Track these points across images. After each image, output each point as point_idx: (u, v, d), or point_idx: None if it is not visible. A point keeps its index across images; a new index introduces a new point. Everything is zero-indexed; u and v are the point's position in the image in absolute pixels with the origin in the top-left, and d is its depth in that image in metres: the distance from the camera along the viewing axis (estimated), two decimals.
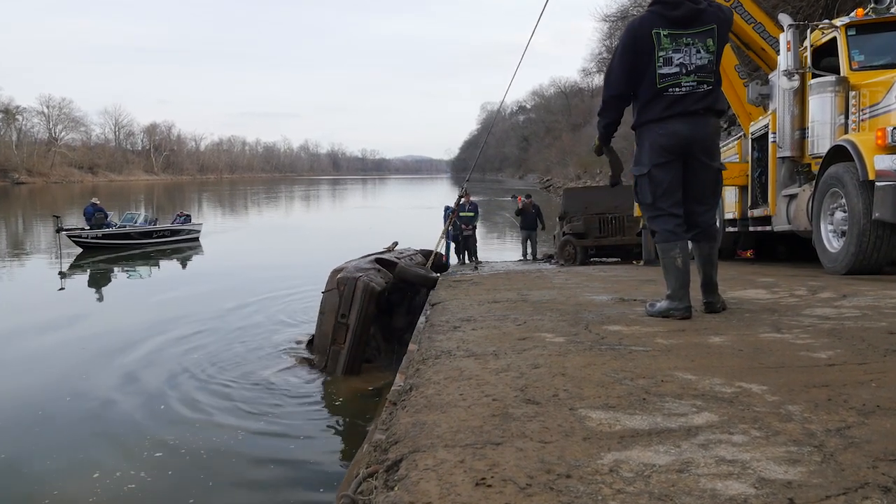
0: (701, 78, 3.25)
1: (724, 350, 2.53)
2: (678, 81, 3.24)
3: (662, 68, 3.24)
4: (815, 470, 1.36)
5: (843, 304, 3.68)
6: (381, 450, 1.66)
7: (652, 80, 3.26)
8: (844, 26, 6.23)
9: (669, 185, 3.32)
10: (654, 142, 3.31)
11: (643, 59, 3.26)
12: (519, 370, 2.29)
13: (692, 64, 3.23)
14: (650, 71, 3.25)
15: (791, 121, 6.65)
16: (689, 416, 1.73)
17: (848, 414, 1.71)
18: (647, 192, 3.37)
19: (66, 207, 34.96)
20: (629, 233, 12.06)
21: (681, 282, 3.29)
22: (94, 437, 5.21)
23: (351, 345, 6.37)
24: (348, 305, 6.36)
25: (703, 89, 3.26)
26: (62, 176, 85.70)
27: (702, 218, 3.40)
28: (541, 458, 1.46)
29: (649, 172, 3.33)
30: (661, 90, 3.25)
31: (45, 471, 4.58)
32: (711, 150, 3.39)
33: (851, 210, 5.32)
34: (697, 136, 3.28)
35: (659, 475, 1.35)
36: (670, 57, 3.23)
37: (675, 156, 3.30)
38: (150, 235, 19.55)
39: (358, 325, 6.34)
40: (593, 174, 51.03)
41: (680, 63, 3.23)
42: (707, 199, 3.41)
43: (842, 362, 2.29)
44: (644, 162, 3.36)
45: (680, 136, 3.27)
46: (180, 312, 10.07)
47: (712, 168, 3.38)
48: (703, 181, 3.37)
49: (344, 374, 6.35)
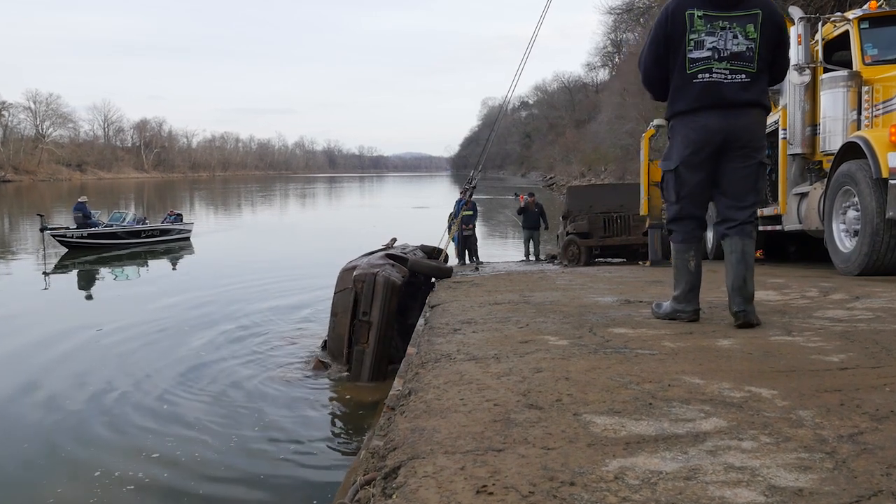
0: (736, 66, 3.06)
1: (732, 353, 2.54)
2: (709, 67, 3.07)
3: (692, 52, 3.08)
4: (826, 477, 1.36)
5: (855, 305, 3.68)
6: (378, 456, 1.66)
7: (681, 64, 3.11)
8: (857, 19, 6.23)
9: (697, 186, 3.19)
10: (686, 136, 3.15)
11: (674, 42, 3.11)
12: (521, 374, 2.29)
13: (726, 50, 3.05)
14: (680, 55, 3.11)
15: (802, 117, 6.66)
16: (696, 421, 1.73)
17: (861, 419, 1.71)
18: (671, 190, 3.25)
19: (53, 206, 34.99)
20: (635, 232, 12.06)
21: (691, 285, 3.24)
22: (93, 437, 5.33)
23: (376, 343, 6.29)
24: (369, 303, 6.29)
25: (739, 79, 3.06)
26: (50, 173, 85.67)
27: (739, 214, 3.18)
28: (544, 465, 1.46)
29: (676, 170, 3.19)
30: (691, 76, 3.09)
31: (45, 471, 4.72)
32: (752, 144, 3.15)
33: (864, 209, 5.32)
34: (733, 130, 3.08)
35: (666, 483, 1.35)
36: (702, 40, 3.06)
37: (707, 152, 3.13)
38: (138, 235, 19.50)
39: (382, 322, 6.27)
40: (598, 172, 51.08)
41: (712, 47, 3.06)
42: (745, 197, 3.18)
43: (854, 366, 2.29)
44: (673, 157, 3.22)
45: (712, 130, 3.09)
46: (178, 313, 10.10)
47: (752, 162, 3.16)
48: (742, 177, 3.16)
49: (371, 375, 6.27)
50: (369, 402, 5.87)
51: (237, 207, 43.87)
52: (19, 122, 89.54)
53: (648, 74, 3.29)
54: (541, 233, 15.38)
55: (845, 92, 6.02)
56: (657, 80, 3.27)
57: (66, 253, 17.60)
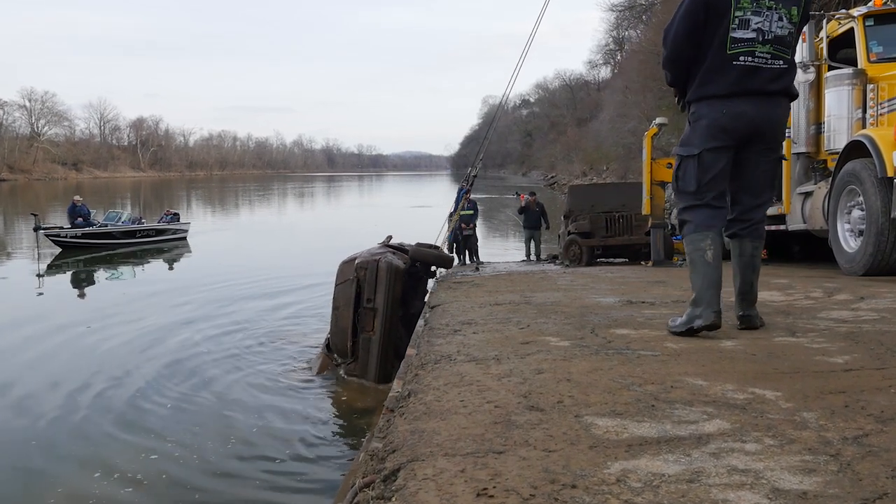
0: (778, 51, 2.88)
1: (736, 354, 2.54)
2: (752, 49, 2.86)
3: (737, 31, 2.84)
4: (831, 480, 1.36)
5: (860, 306, 3.68)
6: (377, 459, 1.66)
7: (722, 43, 2.87)
8: (862, 16, 6.23)
9: (720, 173, 2.95)
10: (715, 121, 2.92)
11: (714, 18, 2.87)
12: (522, 375, 2.29)
13: (771, 32, 2.86)
14: (720, 33, 2.86)
15: (806, 115, 6.66)
16: (699, 423, 1.73)
17: (866, 421, 1.71)
18: (691, 178, 2.97)
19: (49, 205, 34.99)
20: (637, 232, 12.05)
21: (709, 280, 2.87)
22: (94, 438, 5.41)
23: (382, 330, 6.26)
24: (373, 289, 6.27)
25: (777, 65, 2.89)
26: (45, 172, 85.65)
27: (754, 213, 3.05)
28: (545, 468, 1.46)
29: (700, 155, 2.94)
30: (731, 57, 2.86)
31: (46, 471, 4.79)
32: (778, 137, 3.06)
33: (869, 208, 5.32)
34: (765, 120, 2.93)
35: (668, 485, 1.35)
36: (748, 19, 2.84)
37: (733, 141, 2.94)
38: (133, 235, 19.47)
39: (387, 308, 6.26)
40: (599, 171, 51.05)
41: (758, 28, 2.84)
42: (763, 192, 3.08)
43: (859, 367, 2.29)
44: (695, 143, 2.97)
45: (746, 118, 2.90)
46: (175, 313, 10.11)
47: (774, 157, 3.05)
48: (763, 171, 3.02)
49: (378, 363, 6.22)
50: (368, 403, 5.87)
51: (235, 207, 43.88)
52: (14, 120, 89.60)
53: (678, 50, 3.00)
54: (542, 232, 15.39)
55: (850, 90, 6.01)
56: (686, 59, 3.00)
57: (60, 253, 17.61)
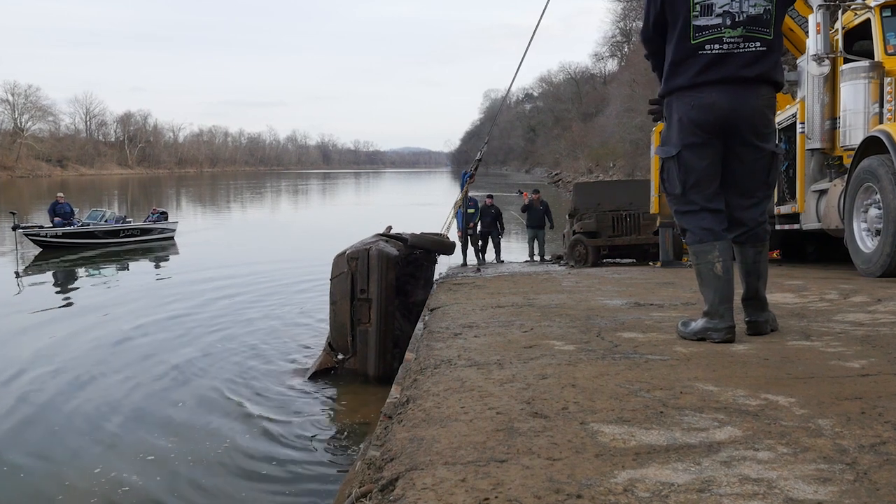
0: (752, 32, 2.72)
1: (748, 359, 2.54)
2: (719, 36, 2.73)
3: (699, 18, 2.74)
4: (847, 489, 1.36)
5: (877, 308, 3.68)
6: (375, 467, 1.66)
7: (684, 33, 2.78)
8: (879, 7, 6.23)
9: (704, 173, 2.84)
10: (685, 115, 2.82)
11: (675, 5, 2.78)
12: (525, 381, 2.29)
13: (742, 13, 2.71)
14: (681, 23, 2.78)
15: (821, 110, 6.66)
16: (710, 430, 1.73)
17: (883, 429, 1.71)
18: (675, 181, 2.89)
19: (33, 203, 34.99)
20: (645, 231, 12.07)
21: (721, 294, 2.78)
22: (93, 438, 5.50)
23: (378, 321, 6.28)
24: (365, 279, 6.32)
25: (752, 48, 2.73)
26: (29, 169, 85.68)
27: (747, 213, 2.91)
28: (549, 477, 1.46)
29: (678, 155, 2.85)
30: (696, 47, 2.76)
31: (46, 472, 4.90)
32: (761, 127, 2.86)
33: (887, 207, 5.32)
34: (741, 110, 2.77)
35: (678, 495, 1.35)
36: (711, 4, 2.72)
37: (711, 135, 2.81)
38: (116, 234, 19.42)
39: (381, 297, 6.30)
40: (606, 168, 51.06)
41: (724, 11, 2.71)
42: (755, 191, 2.91)
43: (876, 372, 2.29)
44: (673, 142, 2.88)
45: (717, 109, 2.76)
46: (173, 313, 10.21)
47: (763, 151, 2.86)
48: (751, 168, 2.87)
49: (377, 357, 6.24)
50: (366, 410, 5.87)
51: (226, 205, 43.89)
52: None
53: (648, 43, 2.99)
54: (546, 232, 15.40)
55: (867, 83, 6.01)
56: (659, 49, 2.94)
57: (41, 253, 17.59)
